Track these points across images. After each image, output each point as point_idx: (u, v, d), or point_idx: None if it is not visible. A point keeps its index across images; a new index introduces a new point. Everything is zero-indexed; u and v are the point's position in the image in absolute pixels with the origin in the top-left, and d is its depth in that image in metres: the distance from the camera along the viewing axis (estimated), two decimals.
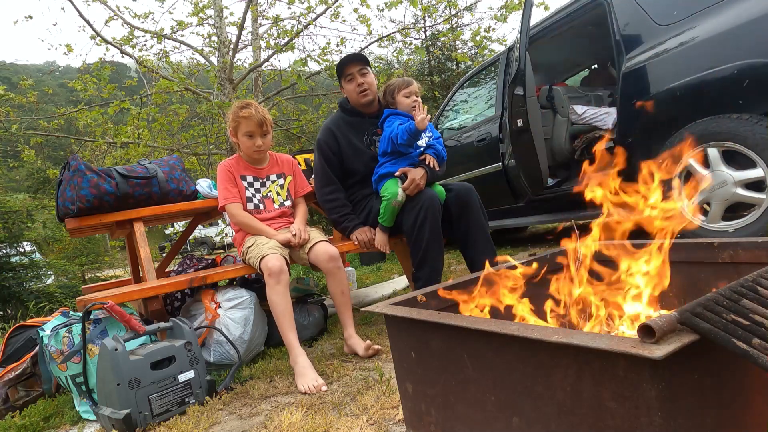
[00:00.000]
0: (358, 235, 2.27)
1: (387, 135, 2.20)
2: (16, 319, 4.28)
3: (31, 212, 5.86)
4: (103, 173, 2.10)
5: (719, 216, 2.25)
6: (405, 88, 2.25)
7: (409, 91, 2.25)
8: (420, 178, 2.13)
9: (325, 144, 2.30)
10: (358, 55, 2.31)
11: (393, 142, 2.16)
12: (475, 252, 2.21)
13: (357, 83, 2.25)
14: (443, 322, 0.89)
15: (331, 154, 2.29)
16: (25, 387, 2.00)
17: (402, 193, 2.13)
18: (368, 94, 2.27)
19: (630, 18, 2.58)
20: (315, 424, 1.32)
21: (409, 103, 2.23)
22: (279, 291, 1.86)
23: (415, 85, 2.28)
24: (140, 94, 6.54)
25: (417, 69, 10.07)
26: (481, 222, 2.22)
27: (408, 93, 2.24)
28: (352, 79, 2.27)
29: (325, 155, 2.30)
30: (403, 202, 2.14)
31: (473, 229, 2.20)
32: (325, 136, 2.31)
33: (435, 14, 9.11)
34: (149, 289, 1.96)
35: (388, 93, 2.30)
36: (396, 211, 2.16)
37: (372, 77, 2.30)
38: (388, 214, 2.18)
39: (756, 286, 0.75)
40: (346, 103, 2.36)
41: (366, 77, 2.27)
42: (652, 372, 0.61)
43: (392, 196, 2.13)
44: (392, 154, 2.22)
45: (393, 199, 2.13)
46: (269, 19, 6.64)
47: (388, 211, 2.17)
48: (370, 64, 2.32)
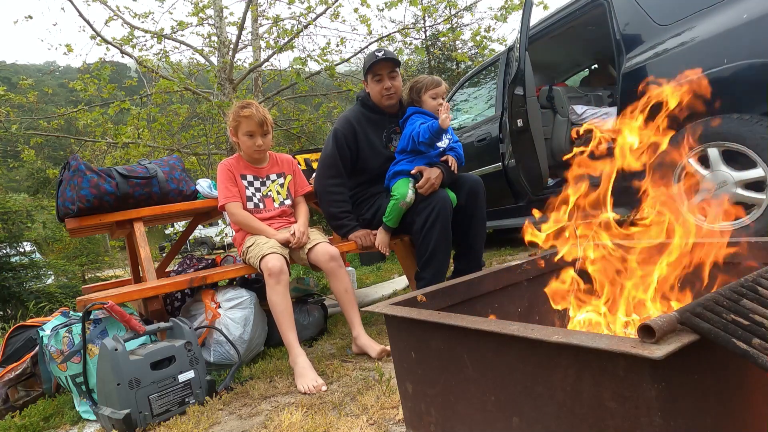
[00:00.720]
0: (359, 239, 2.24)
1: (408, 133, 2.15)
2: (16, 319, 4.28)
3: (31, 212, 5.86)
4: (103, 173, 2.10)
5: (719, 216, 2.25)
6: (433, 88, 2.19)
7: (436, 92, 2.19)
8: (435, 178, 2.09)
9: (342, 135, 2.23)
10: (391, 56, 2.19)
11: (414, 140, 2.12)
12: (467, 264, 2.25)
13: (385, 86, 2.20)
14: (443, 322, 0.89)
15: (346, 146, 2.23)
16: (25, 387, 2.00)
17: (412, 195, 2.09)
18: (393, 97, 2.23)
19: (630, 18, 2.58)
20: (315, 424, 1.32)
21: (434, 105, 2.18)
22: (279, 291, 1.86)
23: (444, 86, 2.23)
24: (140, 94, 6.54)
25: (417, 69, 10.07)
26: (483, 219, 2.23)
27: (435, 94, 2.19)
28: (381, 80, 2.20)
29: (340, 146, 2.23)
30: (412, 204, 2.10)
31: (474, 227, 2.21)
32: (344, 128, 2.24)
33: (435, 14, 9.12)
34: (149, 289, 1.96)
35: (415, 91, 2.23)
36: (402, 212, 2.13)
37: (400, 80, 2.25)
38: (394, 215, 2.15)
39: (756, 286, 0.75)
40: (368, 99, 2.28)
41: (394, 81, 2.21)
42: (652, 372, 0.61)
43: (401, 197, 2.09)
44: (410, 153, 2.18)
45: (402, 199, 2.09)
46: (269, 19, 6.64)
47: (394, 212, 2.14)
48: (400, 66, 2.26)
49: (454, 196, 2.18)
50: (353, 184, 2.34)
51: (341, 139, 2.23)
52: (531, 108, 2.96)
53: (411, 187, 2.11)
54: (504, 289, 1.31)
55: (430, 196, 2.07)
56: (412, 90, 2.25)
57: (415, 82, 2.24)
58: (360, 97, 2.34)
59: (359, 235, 2.25)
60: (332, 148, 2.24)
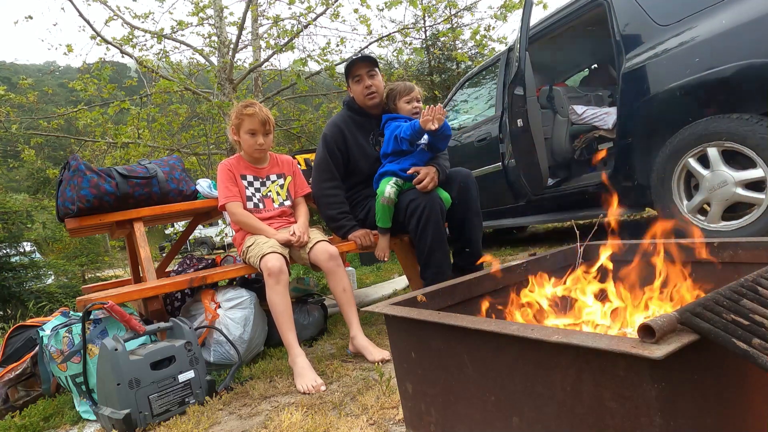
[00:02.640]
0: (359, 238, 2.25)
1: (389, 136, 2.20)
2: (16, 319, 4.28)
3: (31, 212, 5.85)
4: (103, 173, 2.10)
5: (719, 216, 2.25)
6: (406, 94, 2.24)
7: (410, 97, 2.24)
8: (434, 173, 2.12)
9: (332, 139, 2.28)
10: (367, 56, 2.30)
11: (396, 138, 2.16)
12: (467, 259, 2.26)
13: (365, 85, 2.25)
14: (443, 322, 0.89)
15: (336, 149, 2.28)
16: (25, 387, 2.00)
17: (390, 191, 2.12)
18: (375, 96, 2.28)
19: (630, 18, 2.58)
20: (315, 424, 1.32)
21: (410, 109, 2.23)
22: (278, 291, 1.86)
23: (417, 90, 2.27)
24: (140, 94, 6.54)
25: (417, 69, 10.07)
26: (478, 212, 2.25)
27: (409, 99, 2.25)
28: (360, 81, 2.27)
29: (330, 150, 2.28)
30: (395, 200, 2.13)
31: (470, 220, 2.23)
32: (333, 132, 2.29)
33: (435, 14, 9.12)
34: (149, 289, 1.96)
35: (390, 99, 2.29)
36: (388, 210, 2.15)
37: (380, 79, 2.30)
38: (380, 214, 2.18)
39: (756, 286, 0.75)
40: (353, 103, 2.34)
41: (374, 79, 2.27)
42: (652, 372, 0.61)
43: (380, 194, 2.13)
44: (393, 155, 2.22)
45: (381, 195, 2.13)
46: (269, 19, 6.64)
47: (379, 211, 2.17)
48: (378, 66, 2.31)
49: (447, 195, 2.20)
50: (346, 186, 2.37)
51: (331, 143, 2.28)
52: (531, 108, 2.96)
53: (391, 185, 2.14)
54: (504, 289, 1.31)
55: (419, 196, 2.08)
56: (388, 98, 2.30)
57: (390, 90, 2.29)
58: (346, 102, 2.40)
59: (358, 235, 2.26)
60: (323, 153, 2.30)
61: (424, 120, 2.03)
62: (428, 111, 2.02)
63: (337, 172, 2.29)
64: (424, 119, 2.03)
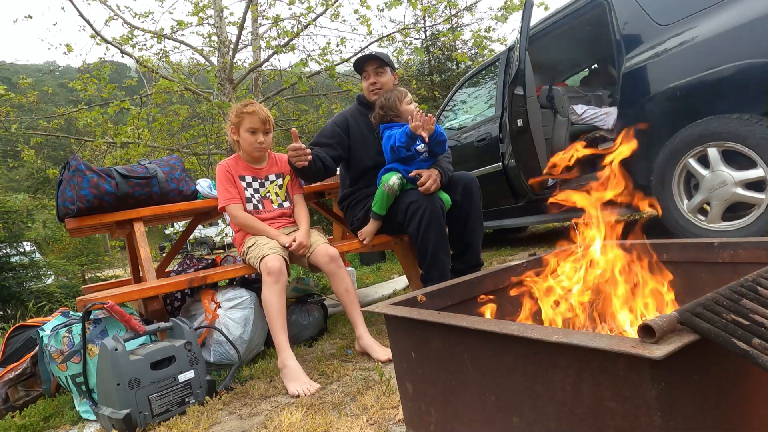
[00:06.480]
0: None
1: (385, 148, 2.22)
2: (16, 319, 4.29)
3: (31, 212, 5.86)
4: (103, 173, 2.09)
5: (719, 216, 2.25)
6: (404, 96, 2.25)
7: (408, 99, 2.26)
8: (437, 175, 2.13)
9: (336, 121, 2.37)
10: (377, 55, 2.36)
11: (393, 149, 2.16)
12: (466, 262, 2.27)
13: (371, 81, 2.34)
14: (443, 322, 0.89)
15: (340, 131, 2.33)
16: (25, 387, 2.00)
17: (396, 181, 2.11)
18: (379, 93, 2.32)
19: (630, 18, 2.58)
20: (315, 424, 1.32)
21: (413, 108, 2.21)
22: (276, 290, 1.84)
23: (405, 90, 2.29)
24: (140, 94, 6.55)
25: (417, 69, 10.07)
26: (479, 216, 2.26)
27: (408, 101, 2.26)
28: (368, 77, 2.35)
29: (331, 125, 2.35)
30: (398, 192, 2.13)
31: (471, 224, 2.23)
32: (339, 119, 2.39)
33: (435, 14, 9.12)
34: (149, 289, 1.96)
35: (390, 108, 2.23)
36: (387, 198, 2.14)
37: (388, 77, 2.35)
38: (378, 199, 2.17)
39: (756, 286, 0.75)
40: (363, 98, 2.43)
41: (380, 77, 2.33)
42: (652, 372, 0.61)
43: (385, 181, 2.13)
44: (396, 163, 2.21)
45: (385, 182, 2.12)
46: (269, 19, 6.64)
47: (378, 196, 2.17)
48: (391, 65, 2.37)
49: (448, 198, 2.20)
50: (349, 182, 2.40)
51: (335, 125, 2.37)
52: (531, 108, 2.96)
53: (398, 176, 2.13)
54: (504, 289, 1.31)
55: (420, 198, 2.08)
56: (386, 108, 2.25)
57: (386, 100, 2.24)
58: (357, 96, 2.50)
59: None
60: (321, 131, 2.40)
61: (414, 125, 2.03)
62: (417, 117, 2.02)
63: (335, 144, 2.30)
64: (414, 125, 2.03)
